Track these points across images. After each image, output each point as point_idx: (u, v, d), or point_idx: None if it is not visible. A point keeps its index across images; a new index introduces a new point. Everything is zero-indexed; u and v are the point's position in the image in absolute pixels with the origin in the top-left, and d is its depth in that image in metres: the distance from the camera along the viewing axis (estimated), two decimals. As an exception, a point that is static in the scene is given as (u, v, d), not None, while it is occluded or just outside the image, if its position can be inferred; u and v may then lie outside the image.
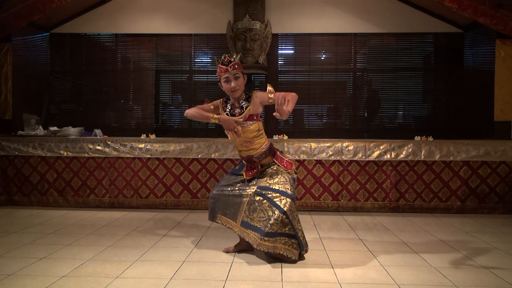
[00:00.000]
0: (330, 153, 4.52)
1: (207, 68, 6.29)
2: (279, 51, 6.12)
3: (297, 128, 6.09)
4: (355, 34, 6.01)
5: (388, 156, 4.51)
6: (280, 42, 6.08)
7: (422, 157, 4.49)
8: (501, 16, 4.76)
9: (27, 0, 5.03)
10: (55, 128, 4.97)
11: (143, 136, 4.81)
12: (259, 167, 2.98)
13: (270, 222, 2.73)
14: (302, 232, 2.87)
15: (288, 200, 2.76)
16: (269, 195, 2.81)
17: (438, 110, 6.04)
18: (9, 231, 3.62)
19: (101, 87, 6.27)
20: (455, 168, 4.56)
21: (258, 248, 2.76)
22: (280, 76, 6.18)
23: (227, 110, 2.97)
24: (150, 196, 4.72)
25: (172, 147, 4.61)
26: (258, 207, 2.83)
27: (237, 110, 2.93)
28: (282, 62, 6.21)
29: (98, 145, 4.66)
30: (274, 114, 2.63)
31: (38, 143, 4.70)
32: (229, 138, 2.96)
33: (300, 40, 6.05)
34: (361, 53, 6.07)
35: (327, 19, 5.96)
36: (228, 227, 3.01)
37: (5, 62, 5.22)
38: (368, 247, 3.24)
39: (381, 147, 4.51)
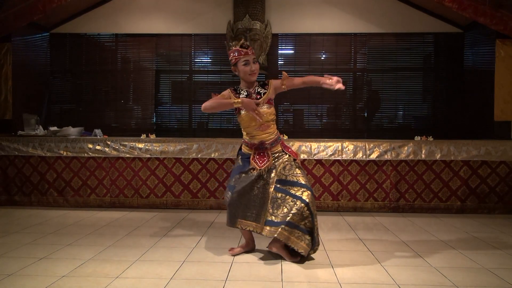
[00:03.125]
0: (330, 153, 4.52)
1: (207, 68, 6.29)
2: (279, 51, 6.12)
3: (297, 128, 6.09)
4: (355, 34, 6.01)
5: (388, 156, 4.50)
6: (280, 42, 6.08)
7: (423, 156, 4.48)
8: (501, 16, 4.76)
9: (27, 0, 5.03)
10: (55, 128, 4.97)
11: (143, 136, 4.81)
12: (270, 154, 2.96)
13: (292, 211, 2.77)
14: (317, 230, 2.89)
15: (309, 192, 2.82)
16: (290, 190, 2.85)
17: (438, 110, 6.04)
18: (9, 231, 3.62)
19: (101, 87, 6.27)
20: (455, 168, 4.56)
21: (277, 236, 2.76)
22: (280, 76, 6.15)
23: (244, 96, 2.96)
24: (150, 196, 4.72)
25: (172, 147, 4.61)
26: (282, 204, 2.85)
27: (254, 96, 2.97)
28: (282, 62, 6.21)
29: (98, 145, 4.66)
30: (307, 79, 2.97)
31: (38, 143, 4.70)
32: (243, 125, 2.97)
33: (300, 40, 6.05)
34: (361, 53, 6.07)
35: (327, 19, 5.96)
36: (249, 230, 2.95)
37: (5, 62, 5.22)
38: (368, 247, 3.24)
39: (381, 147, 4.50)
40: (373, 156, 4.51)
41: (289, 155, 2.98)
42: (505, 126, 5.01)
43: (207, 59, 6.33)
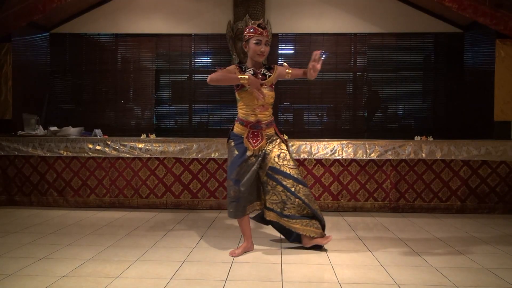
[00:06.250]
0: (330, 153, 4.52)
1: (207, 68, 6.29)
2: (279, 51, 6.11)
3: (297, 128, 6.09)
4: (355, 34, 6.01)
5: (388, 156, 4.50)
6: (280, 42, 6.08)
7: (424, 155, 4.48)
8: (501, 16, 4.76)
9: (27, 0, 5.03)
10: (55, 128, 4.97)
11: (143, 136, 4.81)
12: (264, 135, 3.03)
13: (287, 205, 2.98)
14: (319, 209, 3.08)
15: (301, 186, 2.98)
16: (282, 181, 2.97)
17: (438, 110, 6.04)
18: (9, 231, 3.62)
19: (101, 87, 6.27)
20: (455, 168, 4.56)
21: (283, 225, 3.02)
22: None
23: (250, 74, 3.01)
24: (150, 196, 4.72)
25: (172, 147, 4.61)
26: (271, 191, 3.03)
27: (260, 77, 3.05)
28: (282, 62, 6.20)
29: (98, 145, 4.66)
30: (306, 69, 3.00)
31: (38, 143, 4.70)
32: (244, 101, 3.02)
33: (300, 40, 6.05)
34: (361, 53, 6.07)
35: (327, 19, 5.96)
36: (255, 209, 3.14)
37: (5, 62, 5.22)
38: (368, 247, 3.24)
39: (381, 147, 4.50)
40: (373, 156, 4.51)
41: (282, 141, 3.09)
42: (505, 126, 5.01)
43: (207, 59, 6.33)
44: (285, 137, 3.48)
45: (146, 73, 6.20)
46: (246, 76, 2.88)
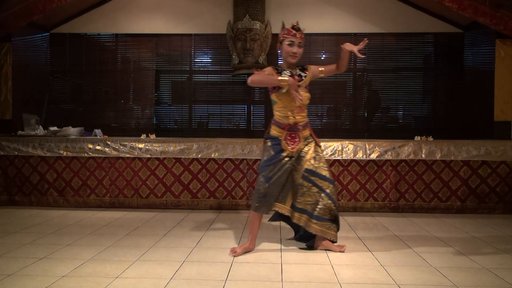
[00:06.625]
0: (330, 153, 4.52)
1: (207, 68, 6.30)
2: (279, 51, 6.10)
3: (297, 128, 6.08)
4: (355, 34, 6.01)
5: (388, 156, 4.50)
6: (280, 42, 6.07)
7: (423, 156, 4.48)
8: (501, 16, 4.76)
9: (27, 0, 5.03)
10: (55, 128, 4.97)
11: (143, 136, 4.81)
12: (301, 137, 3.06)
13: (319, 206, 3.00)
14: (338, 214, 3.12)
15: (332, 186, 3.05)
16: (318, 183, 3.02)
17: (438, 110, 6.04)
18: (9, 231, 3.62)
19: (101, 87, 6.27)
20: (455, 168, 4.56)
21: (307, 229, 3.03)
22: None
23: (288, 75, 3.06)
24: (150, 196, 4.72)
25: (172, 147, 4.61)
26: (306, 192, 3.04)
27: (296, 78, 3.10)
28: (282, 62, 6.19)
29: (98, 145, 4.66)
30: (337, 63, 3.20)
31: (38, 143, 4.70)
32: (282, 103, 3.04)
33: (300, 40, 6.04)
34: (361, 53, 6.05)
35: (327, 19, 5.96)
36: (275, 210, 3.14)
37: (5, 62, 5.22)
38: (368, 247, 3.24)
39: (381, 147, 4.50)
40: (373, 156, 4.51)
41: (316, 143, 3.13)
42: (505, 126, 5.01)
43: (207, 59, 6.33)
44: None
45: (146, 73, 6.20)
46: (286, 78, 2.93)
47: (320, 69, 3.17)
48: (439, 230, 3.79)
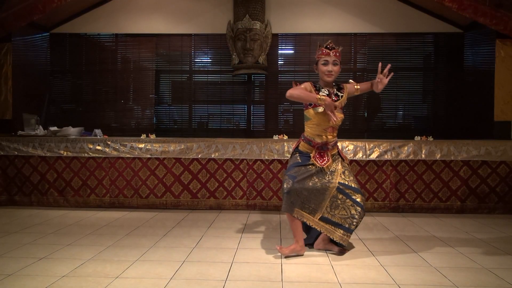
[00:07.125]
0: (330, 153, 4.52)
1: (207, 68, 6.30)
2: (279, 51, 6.12)
3: (297, 128, 6.08)
4: (355, 34, 6.01)
5: (388, 156, 4.50)
6: (280, 42, 6.08)
7: (423, 156, 4.48)
8: (501, 16, 4.76)
9: (27, 0, 5.03)
10: (55, 128, 4.97)
11: (143, 136, 4.81)
12: (330, 155, 3.07)
13: (355, 220, 2.99)
14: None
15: (361, 195, 3.04)
16: (351, 195, 3.01)
17: (438, 110, 6.04)
18: (9, 231, 3.62)
19: (101, 87, 6.28)
20: (455, 168, 4.56)
21: (341, 242, 2.99)
22: (280, 76, 6.18)
23: (325, 94, 3.05)
24: (150, 196, 4.72)
25: (172, 147, 4.61)
26: (341, 205, 3.02)
27: (333, 97, 3.07)
28: (282, 62, 6.21)
29: (98, 145, 4.66)
30: (373, 81, 3.10)
31: (38, 143, 4.70)
32: (315, 121, 3.03)
33: (300, 40, 6.05)
34: (361, 53, 6.07)
35: (327, 19, 5.96)
36: (302, 220, 3.03)
37: (5, 62, 5.22)
38: (368, 247, 3.25)
39: (381, 147, 4.50)
40: (373, 156, 4.51)
41: (343, 160, 3.15)
42: (505, 126, 5.01)
43: (207, 59, 6.33)
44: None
45: (146, 73, 6.21)
46: (324, 97, 2.92)
47: (356, 87, 3.15)
48: (439, 230, 3.79)
